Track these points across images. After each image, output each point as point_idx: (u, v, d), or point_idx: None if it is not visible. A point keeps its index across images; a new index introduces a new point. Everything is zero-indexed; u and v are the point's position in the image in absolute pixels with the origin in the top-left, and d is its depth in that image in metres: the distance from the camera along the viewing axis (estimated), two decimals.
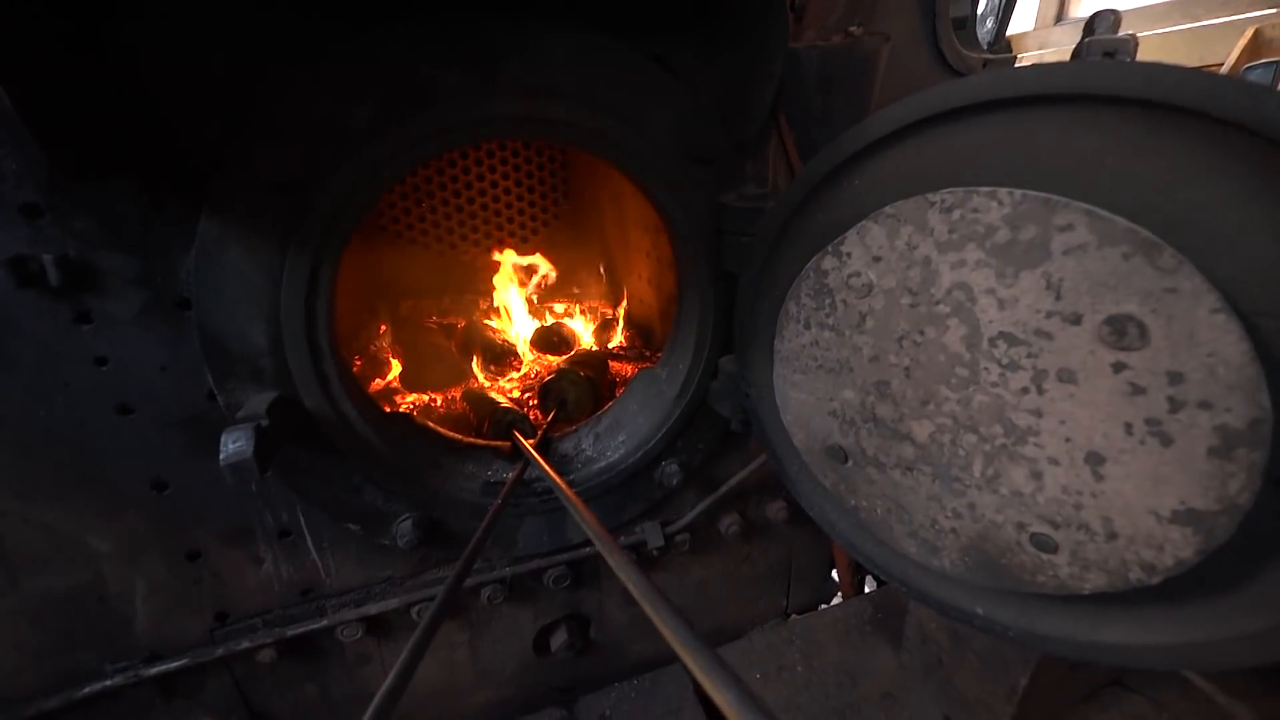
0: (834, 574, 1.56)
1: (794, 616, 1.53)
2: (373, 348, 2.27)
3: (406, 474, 1.09)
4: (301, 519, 1.07)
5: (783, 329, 0.84)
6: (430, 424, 1.22)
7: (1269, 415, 0.51)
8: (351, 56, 0.83)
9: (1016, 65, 0.93)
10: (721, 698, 0.43)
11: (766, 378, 0.92)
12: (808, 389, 0.83)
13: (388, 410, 1.16)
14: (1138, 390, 0.56)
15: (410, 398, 2.13)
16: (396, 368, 2.33)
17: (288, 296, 0.89)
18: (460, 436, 1.25)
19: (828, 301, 0.76)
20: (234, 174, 0.83)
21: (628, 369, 2.28)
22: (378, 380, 2.00)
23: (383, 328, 2.40)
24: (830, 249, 0.74)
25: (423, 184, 2.39)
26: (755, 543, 1.44)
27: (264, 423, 0.84)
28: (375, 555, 1.14)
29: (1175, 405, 0.54)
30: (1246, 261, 0.52)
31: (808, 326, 0.80)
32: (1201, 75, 0.51)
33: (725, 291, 1.11)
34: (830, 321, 0.77)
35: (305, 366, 0.93)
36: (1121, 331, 0.55)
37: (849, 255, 0.72)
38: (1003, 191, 0.60)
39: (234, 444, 0.80)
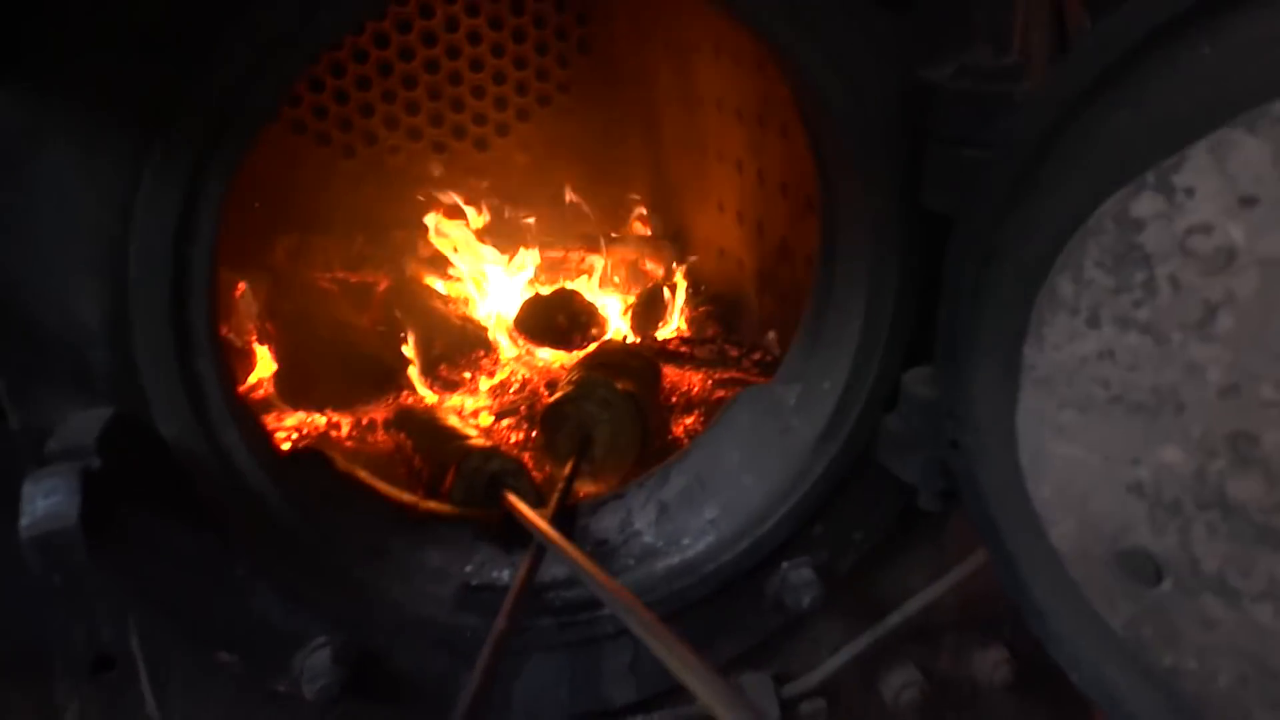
0: None
1: None
2: (224, 325, 2.35)
3: (326, 565, 1.13)
4: (135, 639, 1.11)
5: (1042, 325, 0.84)
6: (362, 475, 1.27)
7: None
8: None
9: None
10: None
11: (1000, 414, 0.92)
12: (1088, 439, 0.83)
13: (288, 448, 1.21)
14: None
15: (290, 419, 2.20)
16: (266, 362, 2.41)
17: (145, 236, 0.93)
18: (415, 500, 1.29)
19: (1140, 277, 0.76)
20: (68, 18, 0.87)
21: (694, 379, 2.31)
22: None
23: (240, 288, 2.49)
24: (1150, 179, 0.74)
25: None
26: None
27: (93, 463, 0.89)
28: (261, 712, 1.18)
29: None
30: None
31: (1094, 323, 0.80)
32: None
33: (920, 249, 1.11)
34: (1144, 316, 0.77)
35: (167, 364, 0.98)
36: None
37: (1189, 192, 0.72)
38: None
39: (46, 500, 0.85)
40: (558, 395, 1.73)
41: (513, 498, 1.30)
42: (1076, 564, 0.89)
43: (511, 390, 2.30)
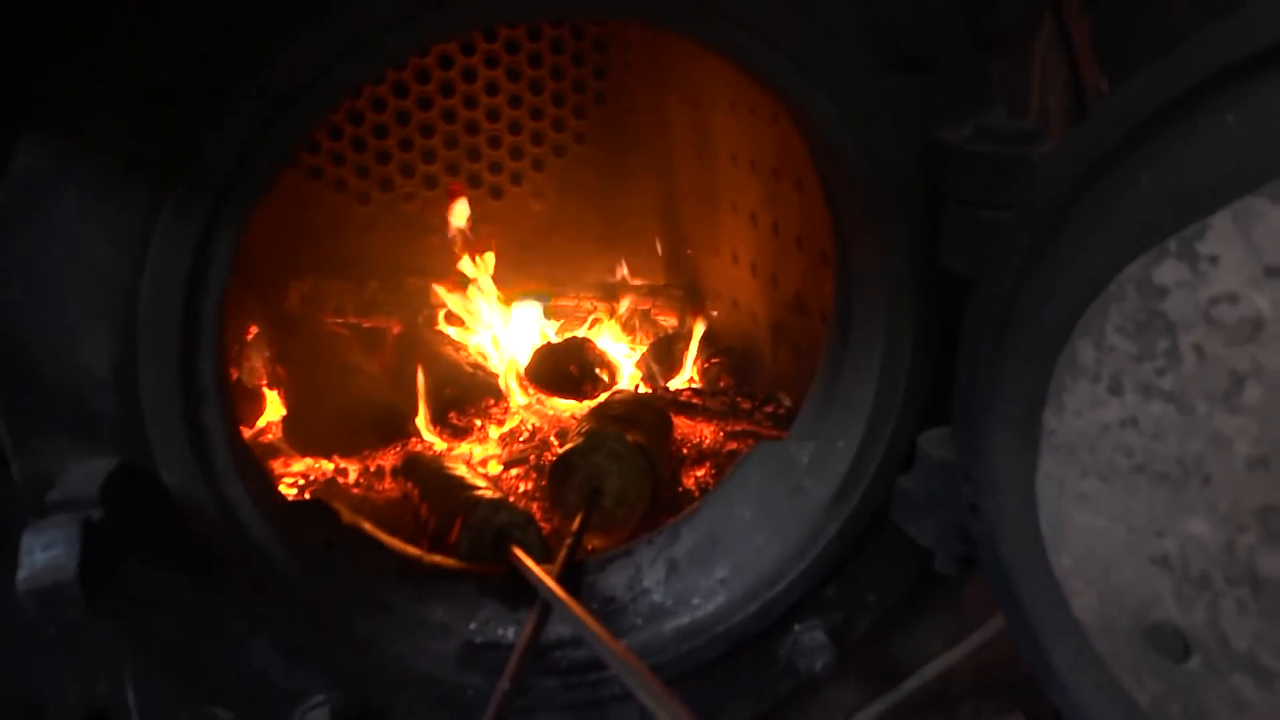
0: None
1: None
2: (234, 368, 2.36)
3: (327, 620, 1.12)
4: (130, 693, 1.10)
5: (1063, 391, 0.84)
6: (367, 527, 1.26)
7: None
8: None
9: None
10: None
11: (1019, 480, 0.91)
12: (1111, 509, 0.82)
13: (292, 499, 1.20)
14: None
15: (297, 465, 2.20)
16: (275, 406, 2.42)
17: (155, 282, 0.94)
18: (419, 553, 1.28)
19: (1164, 345, 0.76)
20: (88, 68, 0.88)
21: (706, 431, 2.30)
22: (240, 427, 2.09)
23: (252, 330, 2.50)
24: (1173, 246, 0.74)
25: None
26: None
27: (95, 514, 0.88)
28: None
29: None
30: None
31: (1117, 390, 0.79)
32: None
33: (937, 310, 1.11)
34: (1168, 385, 0.76)
35: (173, 413, 0.98)
36: None
37: (1213, 260, 0.72)
38: None
39: (45, 553, 0.84)
40: (567, 447, 1.72)
41: (519, 552, 1.28)
42: (1100, 636, 0.88)
43: (521, 439, 2.29)
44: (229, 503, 1.04)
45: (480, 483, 1.70)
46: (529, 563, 1.25)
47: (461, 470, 1.81)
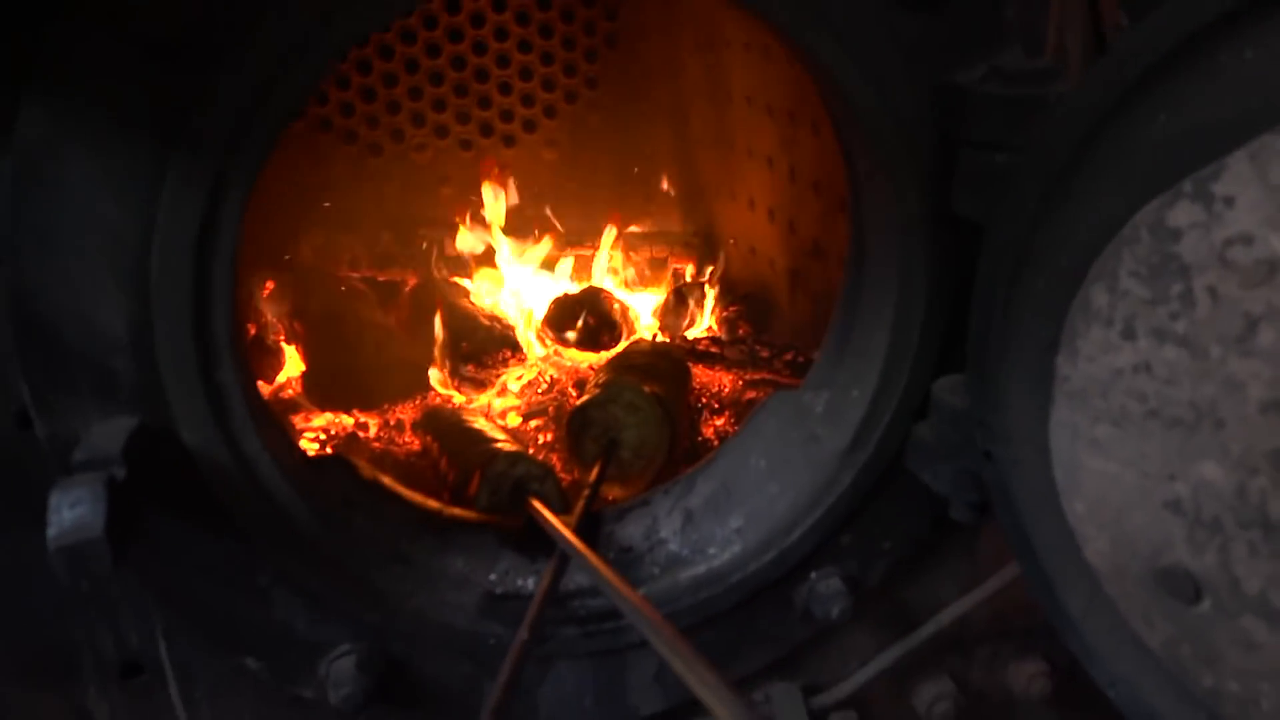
0: None
1: None
2: (251, 324, 2.38)
3: (349, 573, 1.15)
4: (162, 645, 1.14)
5: (1076, 336, 0.84)
6: (386, 481, 1.29)
7: None
8: None
9: None
10: None
11: (1032, 427, 0.92)
12: (1123, 454, 0.82)
13: (313, 455, 1.23)
14: None
15: (318, 420, 2.23)
16: (294, 361, 2.45)
17: (166, 243, 0.95)
18: (439, 506, 1.31)
19: (1177, 289, 0.75)
20: (86, 27, 0.89)
21: (725, 380, 2.31)
22: (260, 383, 2.13)
23: (269, 286, 2.52)
24: (1188, 187, 0.73)
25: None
26: None
27: (118, 473, 0.91)
28: (287, 717, 1.20)
29: None
30: None
31: (1130, 335, 0.79)
32: None
33: (951, 255, 1.11)
34: (1181, 329, 0.76)
35: (190, 372, 1.00)
36: None
37: (1228, 201, 0.71)
38: None
39: (72, 511, 0.87)
40: (584, 399, 1.74)
41: (537, 504, 1.31)
42: (1112, 581, 0.89)
43: (540, 390, 2.31)
44: (248, 460, 1.06)
45: (499, 435, 1.72)
46: (547, 514, 1.27)
47: (480, 423, 1.83)
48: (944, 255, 1.12)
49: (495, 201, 2.65)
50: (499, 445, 1.63)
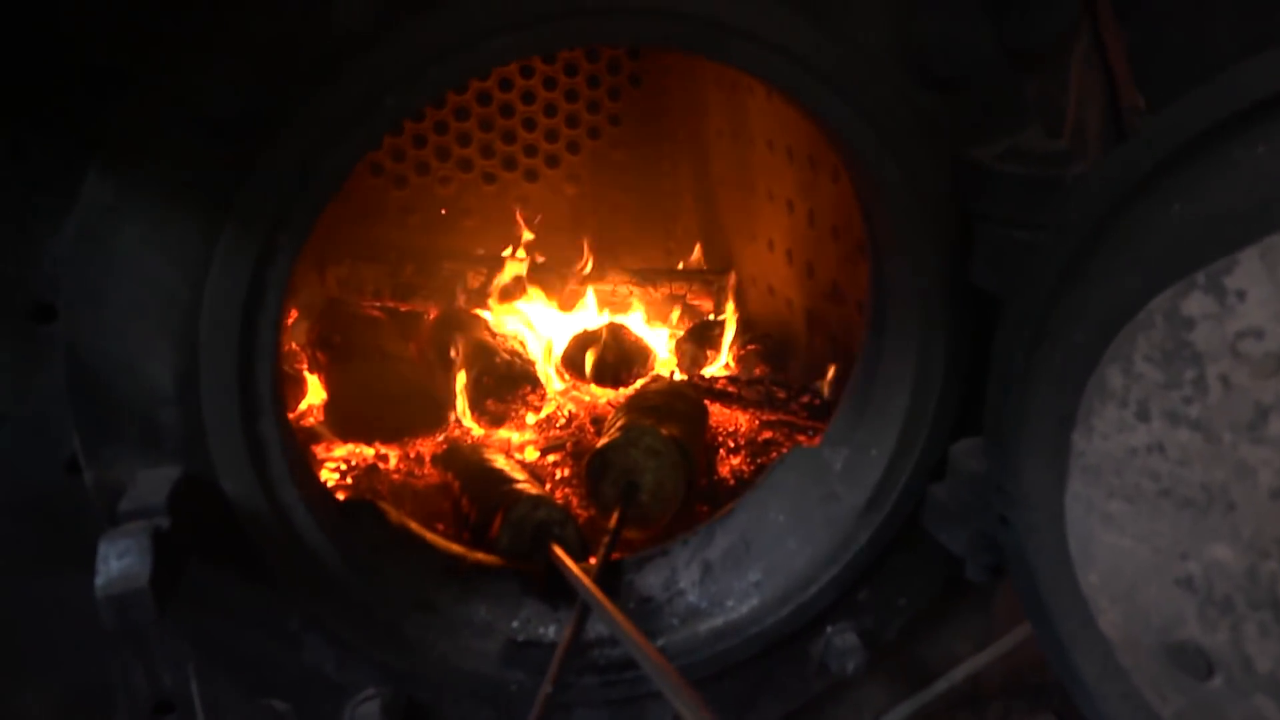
0: None
1: None
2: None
3: (377, 619, 1.17)
4: (194, 686, 1.17)
5: (1091, 414, 0.85)
6: (414, 526, 1.32)
7: None
8: None
9: None
10: None
11: (1048, 497, 0.93)
12: (1136, 530, 0.84)
13: (343, 500, 1.26)
14: None
15: (339, 450, 2.25)
16: (316, 389, 2.47)
17: (215, 304, 0.99)
18: (463, 551, 1.33)
19: (1190, 375, 0.77)
20: (148, 106, 0.94)
21: (741, 419, 2.32)
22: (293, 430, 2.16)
23: (293, 314, 2.56)
24: (1201, 279, 0.75)
25: None
26: None
27: (163, 523, 0.94)
28: None
29: None
30: None
31: (1144, 416, 0.81)
32: None
33: (969, 324, 1.13)
34: (1194, 413, 0.78)
35: (232, 425, 1.03)
36: None
37: (1240, 295, 0.73)
38: None
39: (120, 561, 0.91)
40: (603, 442, 1.75)
41: (559, 551, 1.33)
42: (1126, 652, 0.89)
43: (558, 425, 2.33)
44: (284, 508, 1.09)
45: (520, 475, 1.74)
46: (568, 562, 1.29)
47: (501, 462, 1.85)
48: (963, 323, 1.13)
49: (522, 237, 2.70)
50: (520, 487, 1.65)
